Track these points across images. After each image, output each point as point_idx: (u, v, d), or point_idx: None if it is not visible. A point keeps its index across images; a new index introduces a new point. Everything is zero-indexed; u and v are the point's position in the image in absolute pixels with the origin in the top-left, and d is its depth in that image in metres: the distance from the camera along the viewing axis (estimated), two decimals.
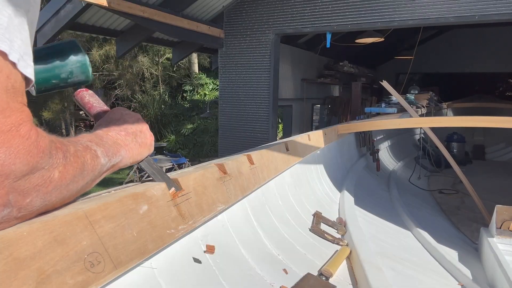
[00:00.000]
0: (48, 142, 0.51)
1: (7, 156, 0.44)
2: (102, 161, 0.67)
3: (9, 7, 0.42)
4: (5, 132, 0.43)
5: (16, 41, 0.43)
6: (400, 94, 5.09)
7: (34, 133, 0.48)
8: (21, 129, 0.45)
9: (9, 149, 0.44)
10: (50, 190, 0.54)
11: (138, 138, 0.82)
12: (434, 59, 11.47)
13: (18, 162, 0.45)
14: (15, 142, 0.44)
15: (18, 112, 0.45)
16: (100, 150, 0.67)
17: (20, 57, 0.44)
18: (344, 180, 3.11)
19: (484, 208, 3.28)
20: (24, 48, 0.45)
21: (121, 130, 0.78)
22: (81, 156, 0.61)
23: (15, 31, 0.43)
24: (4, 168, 0.44)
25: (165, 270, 0.90)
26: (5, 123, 0.43)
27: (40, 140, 0.49)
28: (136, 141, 0.81)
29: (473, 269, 1.80)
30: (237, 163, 1.41)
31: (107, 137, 0.74)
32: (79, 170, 0.60)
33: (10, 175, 0.45)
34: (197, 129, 12.75)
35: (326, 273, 1.37)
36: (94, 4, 3.70)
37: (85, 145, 0.65)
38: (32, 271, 0.53)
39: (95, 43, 13.36)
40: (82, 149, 0.62)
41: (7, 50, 0.42)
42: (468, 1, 4.17)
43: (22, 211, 0.51)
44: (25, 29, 0.45)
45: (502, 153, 7.73)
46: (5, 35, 0.42)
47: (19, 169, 0.46)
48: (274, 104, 5.53)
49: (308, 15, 5.08)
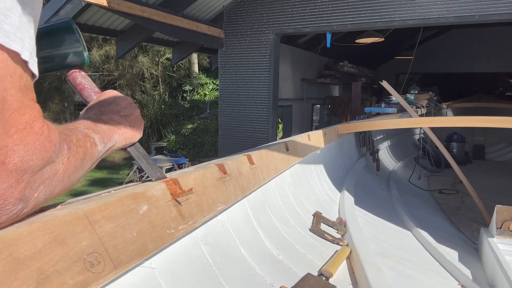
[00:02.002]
0: (58, 136, 0.53)
1: (26, 152, 0.46)
2: (99, 147, 0.68)
3: (18, 6, 0.43)
4: (21, 130, 0.45)
5: (26, 39, 0.44)
6: (400, 94, 5.08)
7: (46, 128, 0.49)
8: (34, 125, 0.47)
9: (27, 145, 0.46)
10: (54, 183, 0.54)
11: (130, 122, 0.81)
12: (434, 59, 11.47)
13: (35, 157, 0.48)
14: (31, 138, 0.46)
15: (31, 110, 0.47)
16: (97, 137, 0.68)
17: (30, 55, 0.45)
18: (344, 180, 3.11)
19: (484, 208, 3.28)
20: (33, 45, 0.46)
21: (114, 114, 0.78)
22: (82, 145, 0.61)
23: (25, 29, 0.44)
24: (23, 164, 0.46)
25: (165, 270, 0.90)
26: (21, 121, 0.45)
27: (51, 134, 0.51)
28: (129, 125, 0.81)
29: (473, 269, 1.80)
30: (237, 163, 1.41)
31: (101, 122, 0.73)
32: (81, 160, 0.60)
33: (28, 170, 0.47)
34: (197, 129, 12.75)
35: (326, 273, 1.37)
36: (94, 4, 3.70)
37: (84, 132, 0.65)
38: (32, 271, 0.53)
39: (95, 43, 13.36)
40: (83, 138, 0.63)
41: (19, 49, 0.43)
42: (468, 1, 4.17)
43: (29, 206, 0.52)
44: (31, 27, 0.46)
45: (502, 153, 7.73)
46: (17, 35, 0.42)
47: (36, 164, 0.48)
48: (274, 104, 5.53)
49: (308, 15, 5.08)
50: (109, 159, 11.45)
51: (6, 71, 0.42)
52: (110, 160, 11.46)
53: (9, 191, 0.46)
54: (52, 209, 0.67)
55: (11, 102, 0.43)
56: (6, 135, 0.43)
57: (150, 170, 0.95)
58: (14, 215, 0.50)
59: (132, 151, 0.88)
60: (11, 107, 0.43)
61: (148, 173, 0.95)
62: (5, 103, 0.42)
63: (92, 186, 9.02)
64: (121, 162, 11.53)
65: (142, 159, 0.91)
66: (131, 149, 0.87)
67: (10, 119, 0.43)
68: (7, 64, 0.42)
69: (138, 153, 0.89)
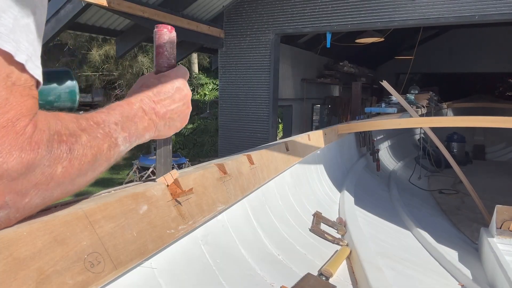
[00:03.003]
0: (46, 136, 0.47)
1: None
2: (122, 148, 0.62)
3: (14, 8, 0.42)
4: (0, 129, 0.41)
5: (23, 42, 0.43)
6: (400, 94, 5.08)
7: (31, 128, 0.45)
8: (17, 124, 0.43)
9: (1, 146, 0.41)
10: (50, 187, 0.50)
11: (171, 123, 0.74)
12: (434, 59, 11.47)
13: (11, 160, 0.42)
14: (8, 139, 0.42)
15: (18, 107, 0.43)
16: (122, 137, 0.62)
17: (28, 58, 0.44)
18: (344, 180, 3.11)
19: (484, 208, 3.28)
20: (32, 50, 0.45)
21: (156, 111, 0.70)
22: (95, 146, 0.56)
23: (21, 32, 0.43)
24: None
25: (165, 270, 0.90)
26: (2, 119, 0.41)
27: (36, 135, 0.45)
28: (168, 127, 0.74)
29: (473, 269, 1.80)
30: (237, 163, 1.41)
31: (136, 119, 0.66)
32: (90, 163, 0.55)
33: (3, 175, 0.43)
34: (197, 129, 12.75)
35: (326, 273, 1.37)
36: (94, 4, 3.70)
37: (107, 131, 0.59)
38: (32, 271, 0.53)
39: (95, 43, 13.36)
40: (102, 137, 0.57)
41: (12, 51, 0.42)
42: (468, 1, 4.17)
43: (20, 211, 0.49)
44: (31, 31, 0.45)
45: (502, 153, 7.73)
46: (10, 36, 0.41)
47: (13, 168, 0.43)
48: (274, 104, 5.53)
49: (308, 15, 5.08)
50: None
51: None
52: None
53: None
54: (52, 209, 0.67)
55: None
56: None
57: (161, 169, 0.94)
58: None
59: (159, 142, 0.86)
60: None
61: (157, 170, 0.94)
62: None
63: (93, 186, 8.95)
64: (121, 162, 11.52)
65: (162, 155, 0.90)
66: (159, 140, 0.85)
67: None
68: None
69: (162, 146, 0.88)
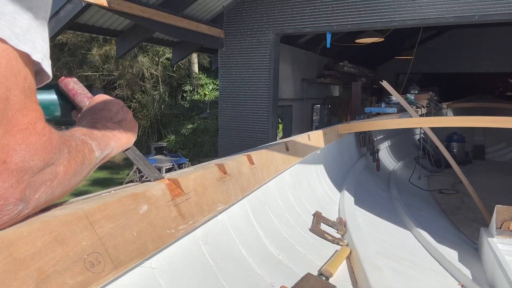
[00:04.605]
0: (58, 138, 0.54)
1: (27, 152, 0.47)
2: (97, 154, 0.69)
3: (30, 9, 0.43)
4: (23, 130, 0.46)
5: (39, 42, 0.45)
6: (400, 94, 5.09)
7: (48, 130, 0.50)
8: (37, 126, 0.48)
9: (28, 146, 0.46)
10: (54, 185, 0.55)
11: (124, 127, 0.82)
12: (434, 59, 11.47)
13: (36, 158, 0.48)
14: (33, 139, 0.47)
15: (33, 111, 0.47)
16: (94, 144, 0.68)
17: (44, 56, 0.46)
18: (344, 180, 3.11)
19: (484, 208, 3.28)
20: (46, 48, 0.47)
21: (107, 121, 0.78)
22: (81, 150, 0.63)
23: (37, 32, 0.45)
24: (24, 164, 0.47)
25: (165, 270, 0.90)
26: (23, 122, 0.45)
27: (52, 136, 0.51)
28: (123, 131, 0.81)
29: (473, 269, 1.80)
30: (237, 163, 1.41)
31: (96, 130, 0.74)
32: (80, 164, 0.61)
33: (29, 170, 0.48)
34: (197, 129, 12.75)
35: (326, 273, 1.37)
36: (94, 4, 3.70)
37: (82, 139, 0.66)
38: (32, 271, 0.53)
39: (95, 43, 13.35)
40: (81, 143, 0.64)
41: (29, 50, 0.44)
42: (468, 1, 4.17)
43: (30, 207, 0.52)
44: (45, 29, 0.47)
45: (502, 153, 7.73)
46: (26, 36, 0.43)
47: (36, 165, 0.49)
48: (274, 104, 5.53)
49: (308, 15, 5.08)
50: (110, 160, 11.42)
51: (11, 71, 0.42)
52: (110, 161, 11.36)
53: (10, 191, 0.46)
54: (52, 209, 0.67)
55: (13, 102, 0.43)
56: (8, 134, 0.44)
57: (148, 171, 0.96)
58: (15, 215, 0.50)
59: (129, 154, 0.89)
60: (14, 107, 0.44)
61: (146, 174, 0.96)
62: (8, 103, 0.43)
63: (93, 186, 9.03)
64: (121, 163, 11.53)
65: (140, 160, 0.92)
66: (128, 152, 0.88)
67: (13, 119, 0.44)
68: (13, 64, 0.42)
69: (134, 155, 0.90)
